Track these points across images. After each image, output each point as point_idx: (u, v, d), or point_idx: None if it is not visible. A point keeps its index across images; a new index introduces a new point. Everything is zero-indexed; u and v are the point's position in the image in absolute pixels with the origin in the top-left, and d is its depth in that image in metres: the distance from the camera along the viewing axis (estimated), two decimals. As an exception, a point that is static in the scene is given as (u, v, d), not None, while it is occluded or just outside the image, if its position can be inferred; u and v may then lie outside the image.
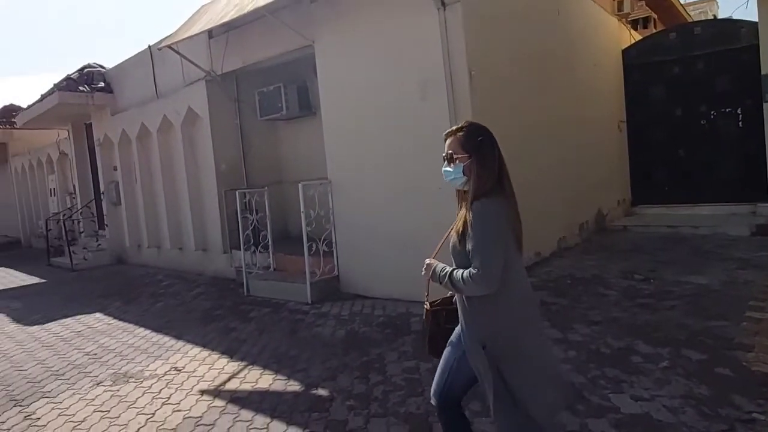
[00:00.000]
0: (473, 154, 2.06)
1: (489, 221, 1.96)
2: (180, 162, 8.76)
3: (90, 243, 11.69)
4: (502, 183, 2.07)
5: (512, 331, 2.01)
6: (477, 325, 2.05)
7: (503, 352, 1.99)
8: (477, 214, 1.97)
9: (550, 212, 6.81)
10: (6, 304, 7.64)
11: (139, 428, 3.30)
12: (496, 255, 1.94)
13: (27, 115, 12.10)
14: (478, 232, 1.96)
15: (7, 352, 5.18)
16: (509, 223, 2.02)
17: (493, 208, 1.98)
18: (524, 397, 1.98)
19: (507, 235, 2.01)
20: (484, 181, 2.02)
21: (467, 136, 2.10)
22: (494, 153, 2.09)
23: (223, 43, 7.57)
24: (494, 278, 1.93)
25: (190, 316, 6.05)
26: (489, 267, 1.92)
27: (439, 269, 2.12)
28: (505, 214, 2.01)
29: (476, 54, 5.28)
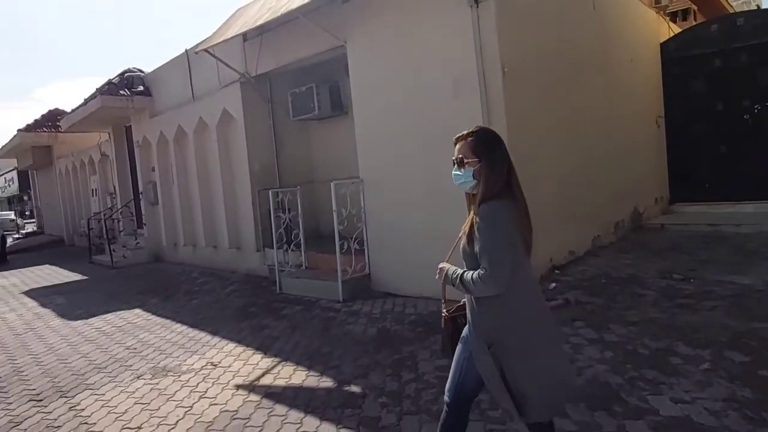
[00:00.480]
0: (483, 158, 2.11)
1: (496, 223, 2.00)
2: (215, 162, 8.96)
3: (129, 241, 12.08)
4: (511, 186, 2.11)
5: (518, 332, 2.05)
6: (483, 324, 2.09)
7: (508, 352, 2.03)
8: (484, 216, 2.02)
9: (584, 210, 6.68)
10: (51, 299, 7.97)
11: (178, 420, 3.40)
12: (504, 256, 1.99)
13: (71, 118, 12.61)
14: (485, 233, 2.01)
15: (53, 346, 5.40)
16: (517, 225, 2.06)
17: (500, 211, 2.03)
18: (526, 397, 2.02)
19: (514, 236, 2.05)
20: (492, 184, 2.07)
21: (477, 140, 2.16)
22: (503, 157, 2.13)
23: (257, 45, 7.71)
24: (502, 278, 1.98)
25: (224, 312, 6.18)
26: (496, 268, 1.97)
27: (451, 272, 2.17)
28: (512, 217, 2.05)
29: (509, 51, 5.22)
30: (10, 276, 11.04)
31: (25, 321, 6.64)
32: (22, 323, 6.53)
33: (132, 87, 10.87)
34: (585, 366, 3.57)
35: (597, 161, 7.12)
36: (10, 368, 4.77)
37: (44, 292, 8.75)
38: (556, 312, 4.70)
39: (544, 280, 5.62)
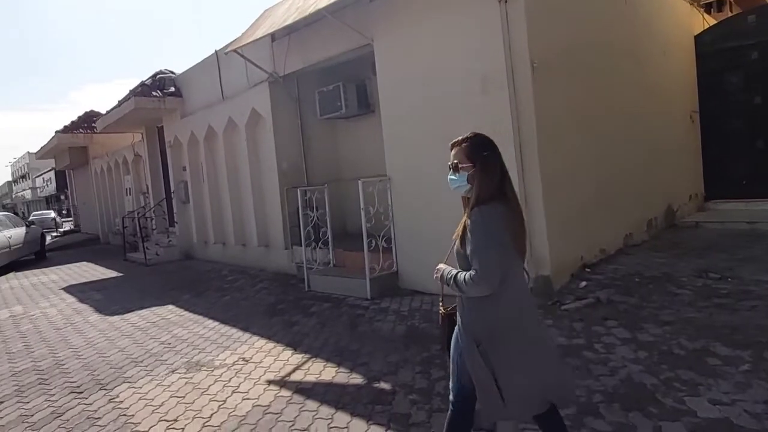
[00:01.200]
0: (477, 163, 2.18)
1: (487, 226, 2.07)
2: (244, 161, 9.10)
3: (161, 239, 12.38)
4: (504, 190, 2.17)
5: (506, 332, 2.11)
6: (472, 324, 2.16)
7: (497, 352, 2.11)
8: (476, 219, 2.10)
9: (615, 207, 6.56)
10: (89, 295, 8.24)
11: (212, 414, 3.48)
12: (494, 257, 2.05)
13: (106, 120, 12.99)
14: (477, 236, 2.08)
15: (91, 340, 5.59)
16: (508, 228, 2.11)
17: (491, 214, 2.09)
18: (510, 397, 2.10)
19: (504, 239, 2.09)
20: (485, 188, 2.14)
21: (471, 146, 2.23)
22: (497, 162, 2.19)
23: (285, 45, 7.80)
24: (493, 279, 2.04)
25: (254, 309, 6.28)
26: (486, 269, 2.04)
27: (446, 272, 2.24)
28: (503, 220, 2.10)
29: (539, 45, 5.16)
30: (49, 273, 11.45)
31: (65, 316, 6.88)
32: (62, 318, 6.77)
33: (164, 88, 11.13)
34: (618, 366, 3.51)
35: (629, 157, 6.97)
36: (52, 361, 4.95)
37: (82, 288, 9.05)
38: (587, 311, 4.64)
39: (575, 278, 5.54)
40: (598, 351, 3.79)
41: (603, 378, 3.36)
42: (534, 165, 5.12)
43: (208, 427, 3.29)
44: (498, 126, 5.17)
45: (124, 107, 11.40)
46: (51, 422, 3.57)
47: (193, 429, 3.29)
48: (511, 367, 2.11)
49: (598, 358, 3.68)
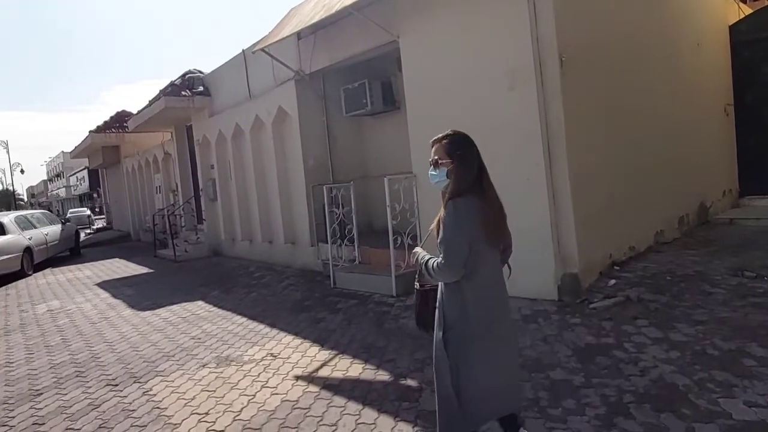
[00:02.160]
0: (455, 159, 2.30)
1: (457, 218, 2.20)
2: (270, 159, 9.22)
3: (190, 236, 12.64)
4: (481, 185, 2.29)
5: (475, 323, 2.23)
6: (445, 312, 2.30)
7: (461, 342, 2.23)
8: (449, 211, 2.23)
9: (646, 204, 6.42)
10: (121, 291, 8.47)
11: (242, 408, 3.55)
12: (459, 248, 2.18)
13: (137, 119, 13.31)
14: (447, 226, 2.21)
15: (125, 334, 5.75)
16: (481, 221, 2.22)
17: (463, 207, 2.21)
18: (468, 395, 2.22)
19: (474, 231, 2.20)
20: (461, 183, 2.26)
21: (450, 143, 2.34)
22: (474, 159, 2.31)
23: (311, 43, 7.86)
24: (456, 267, 2.19)
25: (281, 306, 6.36)
26: (451, 257, 2.18)
27: (420, 257, 2.38)
28: (475, 213, 2.22)
29: (567, 38, 5.08)
30: (84, 269, 11.81)
31: (99, 311, 7.10)
32: (97, 313, 6.99)
33: (193, 88, 11.34)
34: (649, 366, 3.44)
35: (660, 152, 6.81)
36: (88, 354, 5.12)
37: (115, 284, 9.31)
38: (617, 309, 4.56)
39: (604, 276, 5.45)
40: (629, 350, 3.73)
41: (633, 378, 3.31)
42: (562, 161, 5.05)
43: (238, 421, 3.35)
44: (525, 121, 5.12)
45: (154, 107, 11.67)
46: (88, 413, 3.70)
47: (224, 422, 3.36)
48: (474, 364, 2.23)
49: (628, 357, 3.62)
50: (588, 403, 3.07)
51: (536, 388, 3.33)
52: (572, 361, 3.67)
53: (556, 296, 5.06)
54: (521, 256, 5.18)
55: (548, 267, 5.08)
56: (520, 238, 5.16)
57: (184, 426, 3.36)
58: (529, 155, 5.13)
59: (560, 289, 5.07)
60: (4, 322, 6.95)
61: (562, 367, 3.60)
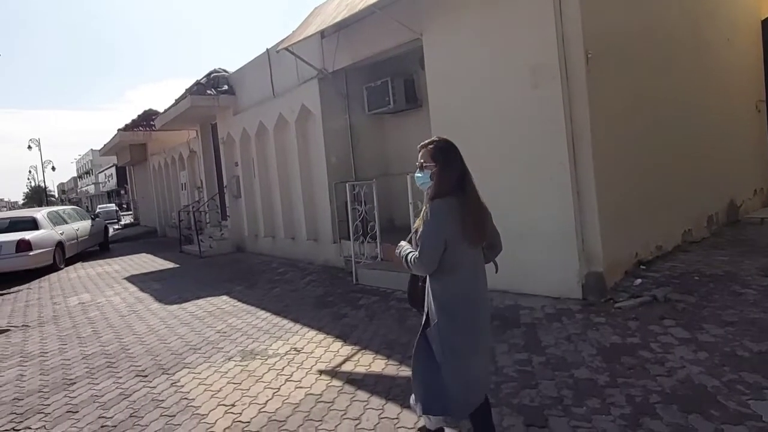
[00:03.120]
0: (438, 163, 2.45)
1: (435, 217, 2.36)
2: (293, 156, 9.32)
3: (215, 232, 12.85)
4: (463, 187, 2.43)
5: (458, 315, 2.40)
6: (429, 303, 2.48)
7: (449, 334, 2.40)
8: (429, 211, 2.39)
9: (673, 203, 6.31)
10: (149, 285, 8.67)
11: (268, 401, 3.61)
12: (434, 244, 2.36)
13: (164, 117, 13.58)
14: (426, 224, 2.38)
15: (153, 327, 5.89)
16: (459, 221, 2.36)
17: (441, 208, 2.37)
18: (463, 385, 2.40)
19: (450, 230, 2.36)
20: (443, 185, 2.42)
21: (435, 149, 2.50)
22: (456, 163, 2.47)
23: (334, 41, 7.91)
24: (429, 262, 2.37)
25: (304, 301, 6.44)
26: (425, 253, 2.37)
27: (403, 250, 2.56)
28: (454, 213, 2.37)
29: (593, 34, 5.02)
30: (113, 263, 12.12)
31: (128, 304, 7.29)
32: (126, 306, 7.17)
33: (218, 86, 11.52)
34: (676, 366, 3.40)
35: (688, 150, 6.68)
36: (118, 346, 5.27)
37: (142, 278, 9.53)
38: (643, 309, 4.50)
39: (629, 275, 5.38)
40: (655, 351, 3.68)
41: (660, 378, 3.27)
42: (587, 158, 4.99)
43: (264, 413, 3.42)
44: (549, 119, 5.08)
45: (180, 105, 11.89)
46: (119, 403, 3.81)
47: (250, 414, 3.43)
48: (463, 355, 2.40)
49: (654, 357, 3.57)
50: (613, 402, 3.04)
51: (560, 386, 3.32)
52: (597, 361, 3.64)
53: (580, 295, 5.01)
54: (544, 255, 5.20)
55: (572, 265, 5.04)
56: (543, 237, 5.18)
57: (212, 417, 3.44)
58: (552, 153, 5.09)
59: (584, 287, 5.02)
60: (38, 313, 7.19)
61: (586, 366, 3.58)
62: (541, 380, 3.44)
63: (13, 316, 7.21)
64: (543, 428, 2.87)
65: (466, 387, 2.41)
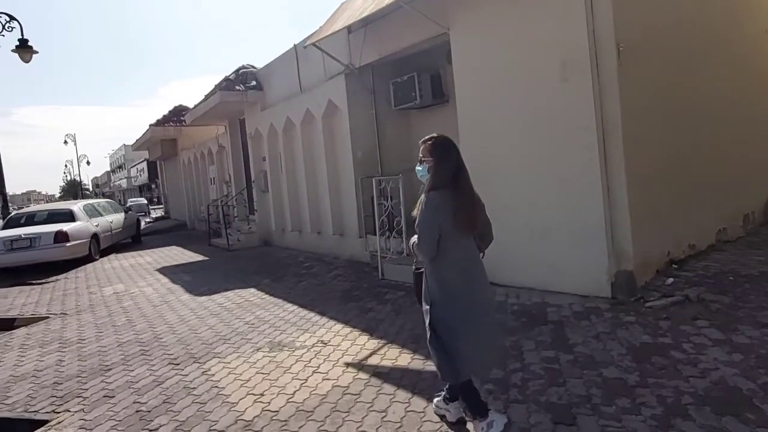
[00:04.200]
0: (435, 158, 2.73)
1: (429, 206, 2.66)
2: (320, 151, 9.39)
3: (242, 226, 13.05)
4: (458, 180, 2.70)
5: (452, 293, 2.71)
6: (429, 287, 2.79)
7: (439, 311, 2.73)
8: (424, 201, 2.69)
9: (707, 200, 6.14)
10: (179, 277, 8.88)
11: (295, 391, 3.68)
12: (430, 231, 2.65)
13: (194, 113, 13.84)
14: (422, 213, 2.69)
15: (184, 317, 6.04)
16: (451, 210, 2.64)
17: (435, 199, 2.66)
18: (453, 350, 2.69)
19: (443, 218, 2.64)
20: (438, 178, 2.70)
21: (433, 145, 2.77)
22: (452, 158, 2.73)
23: (360, 37, 7.93)
24: (428, 248, 2.67)
25: (330, 295, 6.50)
26: (422, 240, 2.69)
27: (411, 241, 2.88)
28: (447, 204, 2.64)
29: (625, 26, 4.92)
30: (145, 255, 12.44)
31: (160, 294, 7.48)
32: (158, 296, 7.37)
33: (246, 82, 11.68)
34: (710, 368, 3.32)
35: (724, 147, 6.49)
36: (151, 335, 5.42)
37: (173, 270, 9.77)
38: (675, 309, 4.41)
39: (660, 274, 5.27)
40: (687, 351, 3.61)
41: (693, 379, 3.20)
42: (618, 154, 4.90)
43: (292, 403, 3.48)
44: (579, 114, 5.00)
45: (210, 101, 12.10)
46: (153, 389, 3.93)
47: (278, 403, 3.49)
48: (453, 328, 2.69)
49: (687, 358, 3.50)
50: (644, 402, 3.00)
51: (588, 385, 3.29)
52: (626, 360, 3.58)
53: (610, 293, 4.94)
54: (572, 252, 5.14)
55: (601, 263, 4.96)
56: (572, 234, 5.12)
57: (241, 405, 3.52)
58: (582, 150, 5.01)
59: (614, 286, 4.94)
60: (76, 302, 7.45)
61: (615, 365, 3.53)
62: (569, 378, 3.41)
63: (52, 304, 7.49)
64: (571, 426, 2.85)
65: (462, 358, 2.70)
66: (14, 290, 8.95)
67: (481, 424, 2.77)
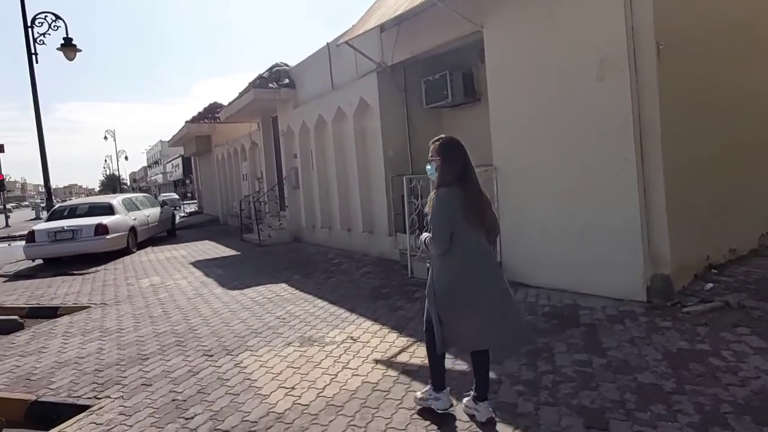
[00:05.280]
0: (442, 157, 2.94)
1: (440, 204, 2.86)
2: (351, 149, 9.45)
3: (273, 222, 13.26)
4: (465, 178, 2.89)
5: (450, 284, 2.91)
6: (432, 276, 3.01)
7: (443, 299, 2.93)
8: (435, 198, 2.90)
9: (750, 204, 5.95)
10: (212, 270, 9.09)
11: (325, 386, 3.73)
12: (443, 226, 2.85)
13: (228, 110, 14.11)
14: (434, 210, 2.89)
15: (217, 310, 6.19)
16: (460, 206, 2.84)
17: (445, 195, 2.86)
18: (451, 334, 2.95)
19: (454, 213, 2.84)
20: (445, 176, 2.91)
21: (440, 145, 2.99)
22: (459, 158, 2.92)
23: (393, 35, 7.94)
24: (442, 241, 2.86)
25: (359, 292, 6.55)
26: (437, 233, 2.87)
27: (423, 237, 3.08)
28: (455, 200, 2.84)
29: (666, 23, 4.79)
30: (180, 249, 12.77)
31: (194, 287, 7.68)
32: (192, 289, 7.56)
33: (279, 80, 11.84)
34: (750, 376, 3.22)
35: (766, 148, 6.24)
36: (186, 327, 5.57)
37: (206, 263, 10.00)
38: (714, 315, 4.28)
39: (699, 279, 5.12)
40: (727, 359, 3.50)
41: (732, 388, 3.11)
42: (655, 154, 4.78)
43: (322, 397, 3.53)
44: (615, 114, 4.91)
45: (243, 99, 12.32)
46: (188, 379, 4.05)
47: (309, 397, 3.55)
48: (455, 312, 2.91)
49: (726, 366, 3.40)
50: (680, 410, 2.93)
51: (622, 389, 3.23)
52: (662, 366, 3.50)
53: (645, 297, 4.83)
54: (607, 254, 5.05)
55: (637, 266, 4.85)
56: (606, 236, 5.03)
57: (273, 397, 3.59)
58: (618, 150, 4.91)
59: (649, 290, 4.83)
60: (115, 293, 7.72)
61: (651, 371, 3.45)
62: (601, 382, 3.36)
63: (93, 294, 7.78)
64: (603, 431, 2.81)
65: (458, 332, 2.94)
66: (57, 280, 9.33)
67: (430, 392, 3.18)
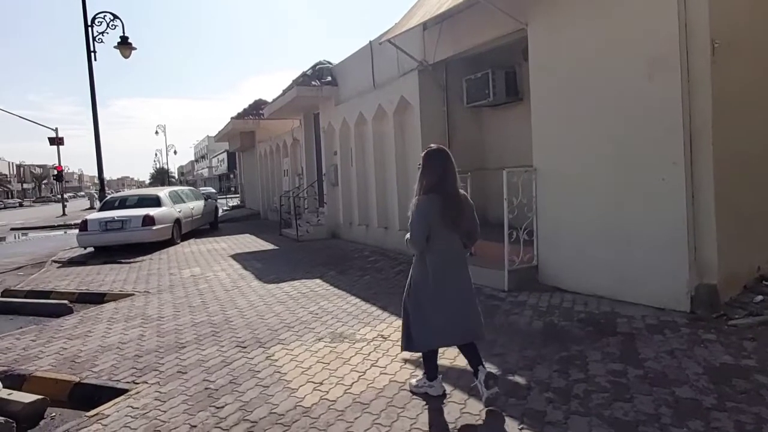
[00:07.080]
0: (422, 166, 3.26)
1: (418, 209, 3.19)
2: (390, 147, 9.46)
3: (312, 218, 13.44)
4: (444, 186, 3.18)
5: (420, 283, 3.30)
6: (412, 272, 3.40)
7: (413, 295, 3.35)
8: (413, 204, 3.23)
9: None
10: (251, 264, 9.30)
11: (353, 383, 3.75)
12: (418, 231, 3.19)
13: (272, 107, 14.40)
14: (412, 215, 3.22)
15: (252, 303, 6.33)
16: (439, 212, 3.16)
17: (423, 203, 3.19)
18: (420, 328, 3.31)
19: (430, 219, 3.16)
20: (421, 183, 3.25)
21: (425, 155, 3.30)
22: (436, 167, 3.22)
23: (436, 33, 7.89)
24: (417, 243, 3.23)
25: (393, 290, 6.55)
26: (413, 237, 3.23)
27: (406, 237, 3.34)
28: (434, 207, 3.16)
29: (722, 21, 4.56)
30: (221, 241, 13.13)
31: (232, 280, 7.88)
32: (230, 281, 7.76)
33: (322, 78, 11.99)
34: (800, 396, 3.03)
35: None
36: (222, 317, 5.73)
37: (245, 257, 10.24)
38: (763, 329, 4.04)
39: (748, 290, 4.86)
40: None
41: (778, 407, 2.93)
42: (706, 158, 4.56)
43: (349, 394, 3.55)
44: (664, 113, 4.70)
45: (287, 96, 12.53)
46: (221, 369, 4.16)
47: (336, 393, 3.58)
48: (424, 309, 3.27)
49: (773, 383, 3.21)
50: (719, 427, 2.79)
51: (658, 403, 3.10)
52: (703, 380, 3.34)
53: (688, 308, 4.62)
54: (649, 261, 4.86)
55: (681, 275, 4.65)
56: (650, 242, 4.84)
57: (301, 391, 3.64)
58: (665, 152, 4.71)
59: (693, 300, 4.62)
60: (158, 282, 8.01)
61: (690, 385, 3.30)
62: (636, 394, 3.24)
63: (137, 282, 8.10)
64: (635, 444, 2.70)
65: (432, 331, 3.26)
66: (106, 267, 9.77)
67: (424, 380, 3.45)
